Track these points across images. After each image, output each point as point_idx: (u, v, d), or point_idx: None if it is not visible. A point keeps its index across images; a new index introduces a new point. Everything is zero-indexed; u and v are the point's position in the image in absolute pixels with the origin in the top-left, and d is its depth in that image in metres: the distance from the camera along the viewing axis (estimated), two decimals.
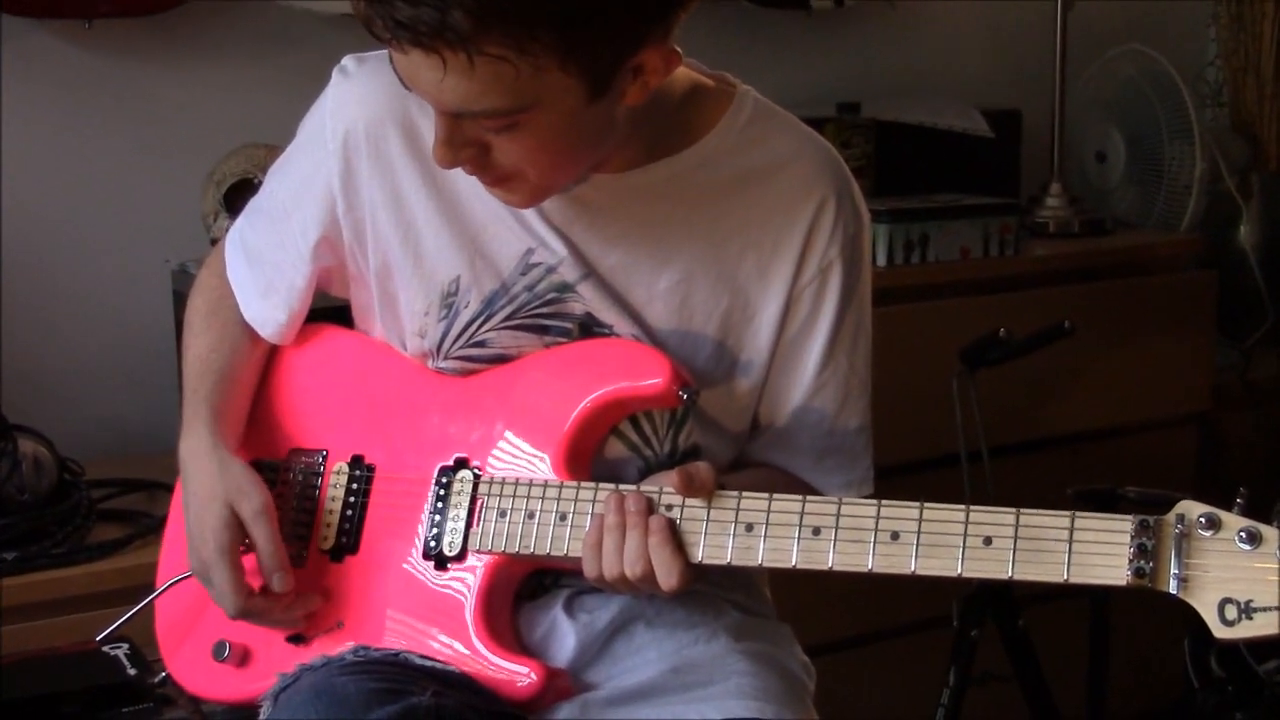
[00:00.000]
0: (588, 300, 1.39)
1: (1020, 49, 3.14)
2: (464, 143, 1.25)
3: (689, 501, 1.29)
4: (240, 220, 1.56)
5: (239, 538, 1.41)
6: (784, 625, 1.52)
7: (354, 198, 1.42)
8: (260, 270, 1.50)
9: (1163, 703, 2.85)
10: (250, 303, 1.51)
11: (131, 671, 1.64)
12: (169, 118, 2.46)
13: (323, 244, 1.45)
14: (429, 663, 1.34)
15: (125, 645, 1.64)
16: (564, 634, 1.41)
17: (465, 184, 1.38)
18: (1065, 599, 2.63)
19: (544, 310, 1.40)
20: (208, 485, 1.43)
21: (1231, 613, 1.12)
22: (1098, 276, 2.79)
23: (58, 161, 2.39)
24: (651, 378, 1.35)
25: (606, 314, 1.39)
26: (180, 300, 2.31)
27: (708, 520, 1.28)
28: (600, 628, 1.41)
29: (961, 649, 2.29)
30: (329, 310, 1.56)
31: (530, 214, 1.38)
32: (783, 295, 1.40)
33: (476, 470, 1.39)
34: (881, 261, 2.52)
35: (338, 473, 1.46)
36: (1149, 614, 2.78)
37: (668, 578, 1.27)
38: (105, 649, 1.62)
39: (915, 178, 2.75)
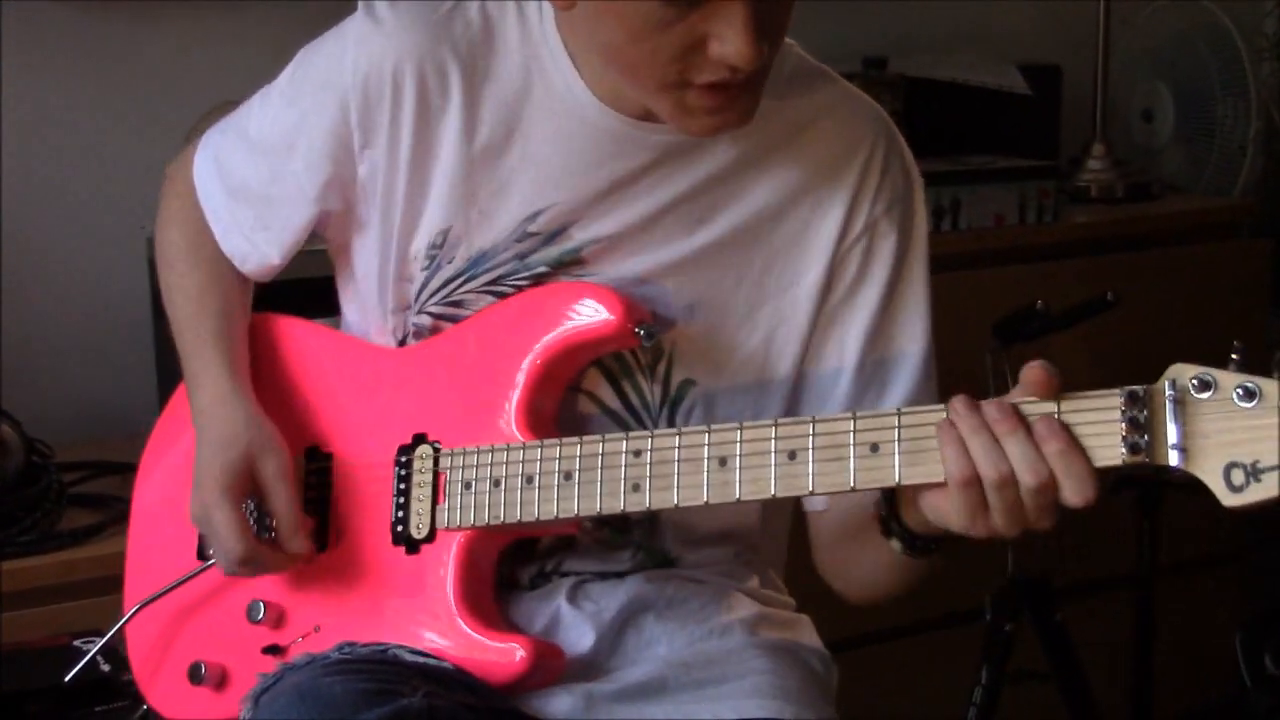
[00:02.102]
0: (594, 264, 1.39)
1: None
2: (772, 26, 1.24)
3: (656, 443, 1.29)
4: (215, 141, 1.54)
5: (247, 488, 1.41)
6: (803, 617, 1.53)
7: (373, 136, 1.41)
8: (245, 203, 1.50)
9: (1212, 702, 2.85)
10: (230, 235, 1.51)
11: (105, 668, 1.65)
12: (142, 74, 2.46)
13: (331, 185, 1.44)
14: (420, 659, 1.34)
15: (99, 641, 1.65)
16: (568, 626, 1.41)
17: (497, 140, 1.38)
18: (1106, 590, 2.63)
19: (530, 285, 1.40)
20: (228, 432, 1.42)
21: (1238, 477, 1.11)
22: (1143, 245, 2.78)
23: (23, 123, 2.39)
24: (601, 316, 1.35)
25: (614, 275, 1.39)
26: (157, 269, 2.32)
27: (678, 461, 1.28)
28: (608, 619, 1.41)
29: (994, 644, 2.29)
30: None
31: (556, 172, 1.38)
32: (825, 260, 1.40)
33: (436, 445, 1.40)
34: None
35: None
36: (1197, 607, 2.79)
37: (1083, 488, 1.15)
38: (77, 644, 1.62)
39: (946, 138, 2.75)
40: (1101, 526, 2.56)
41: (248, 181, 1.50)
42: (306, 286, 1.58)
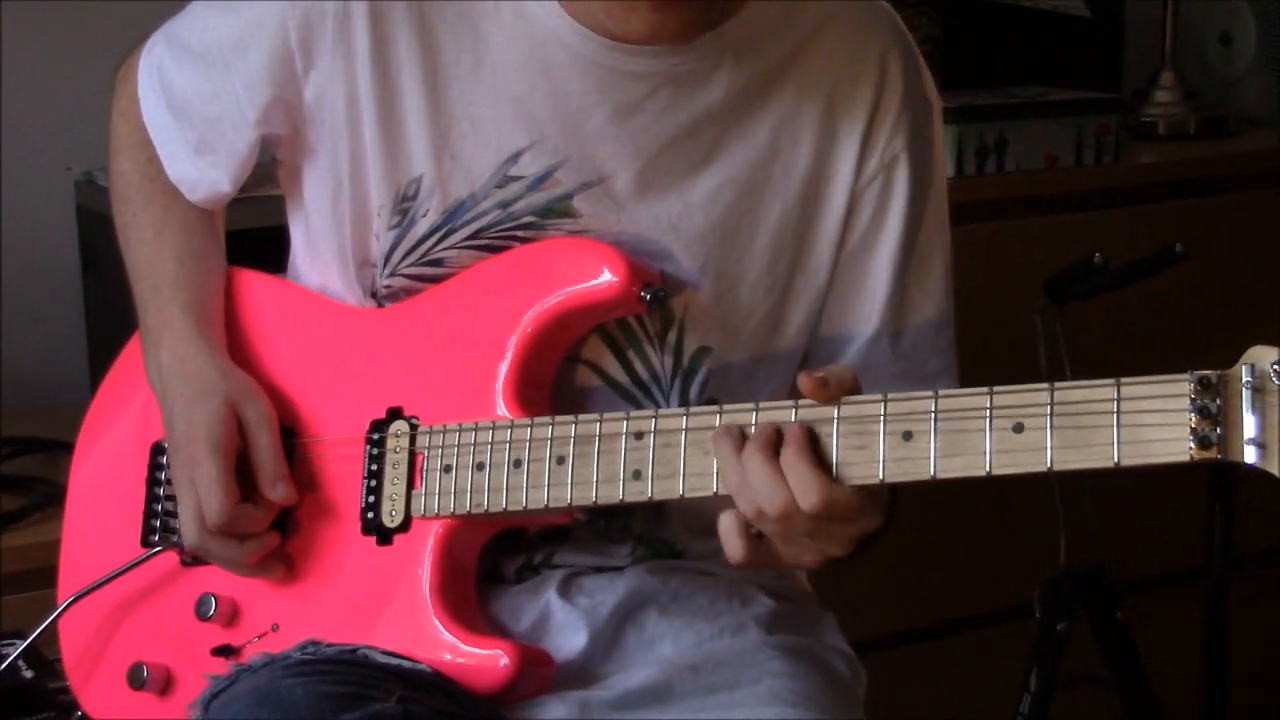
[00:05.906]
0: (588, 215, 1.40)
1: None
2: None
3: (661, 424, 1.28)
4: (158, 49, 1.55)
5: (235, 441, 1.42)
6: (826, 614, 1.54)
7: (318, 58, 1.42)
8: (189, 124, 1.51)
9: None
10: (176, 159, 1.52)
11: (28, 674, 1.66)
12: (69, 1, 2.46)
13: (274, 107, 1.45)
14: (392, 660, 1.36)
15: (21, 644, 1.65)
16: (559, 624, 1.42)
17: (463, 70, 1.39)
18: (1174, 584, 2.64)
19: (520, 234, 1.41)
20: (202, 384, 1.44)
21: None
22: (1218, 189, 2.78)
23: None
24: (603, 278, 1.35)
25: (615, 229, 1.40)
26: (87, 216, 2.33)
27: (685, 445, 1.27)
28: (604, 615, 1.42)
29: (1045, 645, 2.30)
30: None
31: (537, 105, 1.39)
32: (844, 195, 1.41)
33: (413, 420, 1.41)
34: (949, 171, 2.52)
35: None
36: (1278, 604, 2.80)
37: (805, 495, 1.20)
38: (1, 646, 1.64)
39: (992, 67, 2.75)
40: (1167, 511, 2.57)
41: (189, 99, 1.51)
42: (252, 237, 1.58)
